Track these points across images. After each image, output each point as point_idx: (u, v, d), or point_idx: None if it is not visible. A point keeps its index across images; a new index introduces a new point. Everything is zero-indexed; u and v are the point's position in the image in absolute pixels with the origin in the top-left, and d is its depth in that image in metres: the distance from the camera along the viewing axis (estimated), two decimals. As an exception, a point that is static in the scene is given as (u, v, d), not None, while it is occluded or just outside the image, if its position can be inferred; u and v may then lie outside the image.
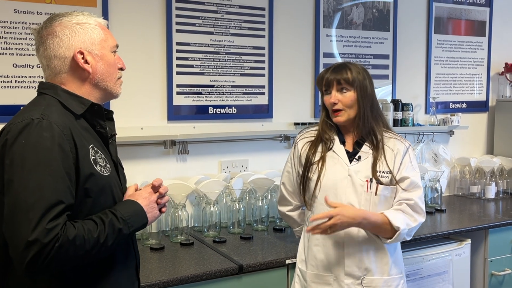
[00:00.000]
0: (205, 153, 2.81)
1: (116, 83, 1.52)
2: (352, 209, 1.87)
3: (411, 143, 2.10)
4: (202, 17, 2.73)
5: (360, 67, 1.99)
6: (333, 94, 1.95)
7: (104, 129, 1.49)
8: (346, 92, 1.94)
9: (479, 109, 3.76)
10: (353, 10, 3.18)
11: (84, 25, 1.45)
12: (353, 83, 1.93)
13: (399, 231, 1.86)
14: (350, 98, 1.94)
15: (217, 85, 2.80)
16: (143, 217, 1.46)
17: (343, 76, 1.93)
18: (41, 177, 1.27)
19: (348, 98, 1.94)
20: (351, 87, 1.94)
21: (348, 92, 1.94)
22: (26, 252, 1.23)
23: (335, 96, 1.95)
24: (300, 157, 2.08)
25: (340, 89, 1.95)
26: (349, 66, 1.96)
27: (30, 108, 1.39)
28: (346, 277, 1.94)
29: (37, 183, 1.26)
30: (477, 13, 3.65)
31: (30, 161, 1.28)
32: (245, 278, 2.17)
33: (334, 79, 1.95)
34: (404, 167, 1.96)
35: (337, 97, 1.95)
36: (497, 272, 2.87)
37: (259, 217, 2.71)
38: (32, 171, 1.27)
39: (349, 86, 1.94)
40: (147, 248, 2.36)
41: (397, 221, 1.87)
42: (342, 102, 1.95)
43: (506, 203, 3.35)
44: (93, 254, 1.33)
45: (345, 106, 1.95)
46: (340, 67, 1.97)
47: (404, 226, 1.88)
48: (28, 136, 1.30)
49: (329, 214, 1.81)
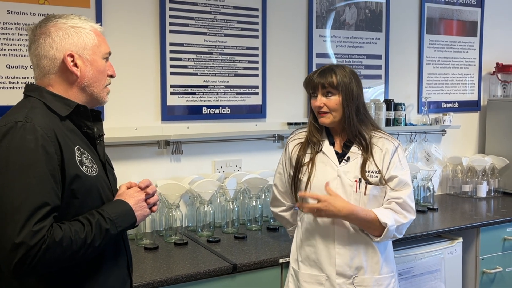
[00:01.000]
0: (199, 153, 2.82)
1: (104, 90, 1.52)
2: (342, 201, 1.89)
3: (403, 142, 2.13)
4: (195, 18, 2.74)
5: (347, 70, 2.00)
6: (319, 98, 1.98)
7: (91, 129, 1.49)
8: (331, 96, 1.97)
9: (470, 108, 3.79)
10: (345, 10, 3.20)
11: (78, 29, 1.46)
12: (337, 86, 1.95)
13: (387, 227, 1.89)
14: (335, 101, 1.96)
15: (210, 86, 2.81)
16: (132, 217, 1.46)
17: (328, 80, 1.95)
18: (26, 179, 1.27)
19: (333, 102, 1.96)
20: (336, 91, 1.96)
21: (333, 96, 1.96)
22: (13, 254, 1.24)
23: (320, 99, 1.98)
24: (291, 159, 2.10)
25: (325, 93, 1.97)
26: (334, 70, 1.97)
27: (15, 111, 1.40)
28: (338, 276, 1.96)
29: (22, 186, 1.27)
30: (468, 13, 3.68)
31: (14, 164, 1.28)
32: (239, 277, 2.18)
33: (319, 83, 1.97)
34: (393, 167, 1.98)
35: (322, 101, 1.97)
36: (489, 270, 2.90)
37: (253, 217, 2.72)
38: (17, 174, 1.28)
39: (334, 90, 1.96)
40: (141, 248, 2.37)
41: (385, 217, 1.90)
42: (328, 105, 1.97)
43: (498, 201, 3.38)
44: (80, 255, 1.33)
45: (330, 109, 1.97)
46: (325, 71, 1.98)
47: (392, 222, 1.90)
48: (11, 139, 1.30)
49: (318, 197, 1.87)
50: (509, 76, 3.76)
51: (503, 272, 2.95)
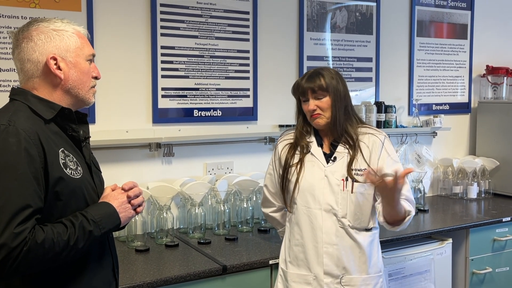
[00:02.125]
0: (190, 156, 2.83)
1: (89, 91, 1.53)
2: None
3: (394, 144, 2.14)
4: (186, 21, 2.76)
5: (333, 72, 2.05)
6: (311, 102, 2.02)
7: (76, 132, 1.50)
8: (322, 98, 2.01)
9: (461, 110, 3.82)
10: (336, 13, 3.22)
11: (60, 32, 1.47)
12: (327, 88, 2.00)
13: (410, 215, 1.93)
14: (327, 102, 2.01)
15: (202, 88, 2.83)
16: (116, 218, 1.47)
17: (317, 84, 2.00)
18: (7, 181, 1.28)
19: (325, 103, 2.01)
20: (326, 93, 2.00)
21: (325, 98, 2.01)
22: None
23: (313, 103, 2.01)
24: (280, 159, 2.13)
25: (315, 97, 2.01)
26: (322, 73, 2.02)
27: None
28: (325, 276, 1.98)
29: (3, 188, 1.28)
30: (458, 16, 3.72)
31: None
32: (229, 278, 2.19)
33: (308, 88, 2.01)
34: (384, 163, 1.99)
35: (315, 104, 2.01)
36: (478, 270, 2.93)
37: (244, 219, 2.74)
38: None
39: (324, 92, 2.00)
40: (132, 250, 2.38)
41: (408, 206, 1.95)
42: (320, 107, 2.01)
43: (488, 202, 3.41)
44: (63, 256, 1.34)
45: (323, 111, 2.01)
46: (313, 75, 2.03)
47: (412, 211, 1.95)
48: None
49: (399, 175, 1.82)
50: (499, 78, 3.79)
51: (493, 273, 2.98)
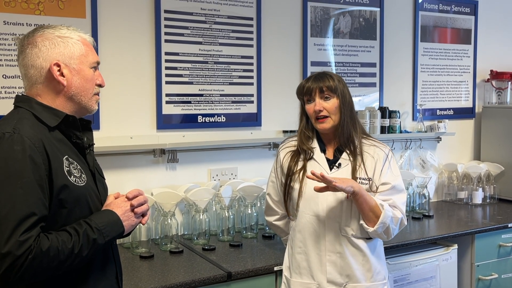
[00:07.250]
0: (194, 162, 2.83)
1: (92, 99, 1.52)
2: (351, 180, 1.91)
3: (398, 149, 2.13)
4: (190, 27, 2.77)
5: (338, 76, 2.04)
6: (317, 102, 1.98)
7: (80, 139, 1.50)
8: (330, 99, 1.98)
9: (465, 115, 3.81)
10: (340, 19, 3.22)
11: (65, 38, 1.47)
12: (335, 90, 1.97)
13: (384, 210, 1.87)
14: (334, 105, 1.98)
15: (206, 94, 2.83)
16: (120, 226, 1.47)
17: (326, 84, 1.97)
18: (12, 189, 1.29)
19: (332, 105, 1.98)
20: (334, 94, 1.98)
21: (332, 99, 1.98)
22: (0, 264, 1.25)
23: (319, 103, 1.98)
24: (282, 167, 2.11)
25: (323, 97, 1.98)
26: (330, 74, 2.01)
27: (3, 122, 1.41)
28: (329, 284, 1.97)
29: (8, 196, 1.28)
30: (462, 21, 3.71)
31: (0, 174, 1.29)
32: (234, 285, 2.19)
33: (317, 87, 1.98)
34: (384, 174, 1.99)
35: (322, 104, 1.97)
36: (484, 276, 2.91)
37: (248, 225, 2.73)
38: (3, 184, 1.29)
39: (332, 93, 1.97)
40: (137, 256, 2.38)
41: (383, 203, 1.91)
42: (327, 109, 1.98)
43: (493, 208, 3.39)
44: (67, 264, 1.34)
45: (330, 113, 1.98)
46: (321, 75, 2.01)
47: (389, 209, 1.90)
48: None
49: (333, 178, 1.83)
50: (504, 83, 3.78)
51: (499, 279, 2.96)
